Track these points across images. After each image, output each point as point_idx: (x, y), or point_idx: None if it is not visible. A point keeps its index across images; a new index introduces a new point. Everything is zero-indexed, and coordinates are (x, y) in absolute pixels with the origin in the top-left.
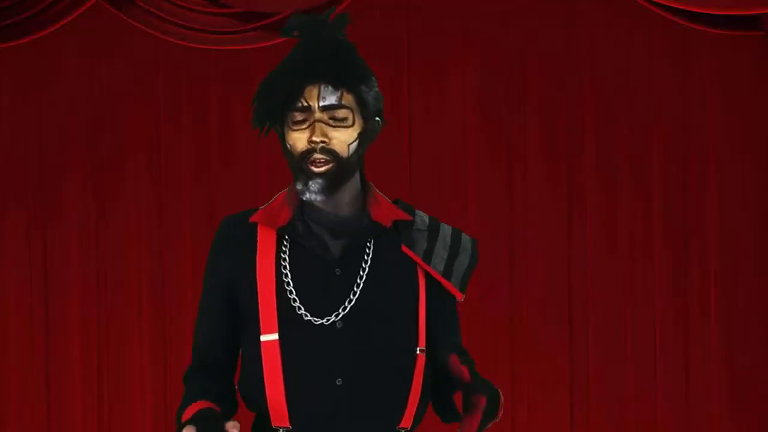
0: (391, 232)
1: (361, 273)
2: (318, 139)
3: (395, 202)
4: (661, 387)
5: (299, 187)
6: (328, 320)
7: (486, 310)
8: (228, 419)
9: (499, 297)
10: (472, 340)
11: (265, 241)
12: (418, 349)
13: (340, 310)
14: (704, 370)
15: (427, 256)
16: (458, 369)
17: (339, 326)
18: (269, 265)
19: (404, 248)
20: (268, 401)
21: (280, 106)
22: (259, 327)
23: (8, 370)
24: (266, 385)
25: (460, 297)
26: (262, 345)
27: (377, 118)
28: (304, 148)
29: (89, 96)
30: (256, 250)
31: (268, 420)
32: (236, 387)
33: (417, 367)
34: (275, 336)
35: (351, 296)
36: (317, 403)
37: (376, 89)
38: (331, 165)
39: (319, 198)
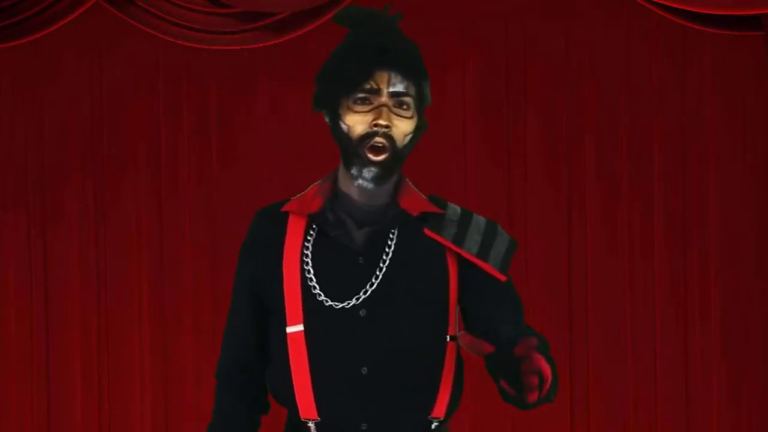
0: (418, 221)
1: (384, 258)
2: (384, 123)
3: (429, 197)
4: (661, 387)
5: (353, 172)
6: (349, 304)
7: None
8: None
9: None
10: None
11: (294, 233)
12: (448, 336)
13: (362, 294)
14: (704, 370)
15: (458, 240)
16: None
17: (362, 314)
18: (295, 256)
19: (428, 232)
20: (296, 394)
21: (348, 83)
22: (285, 319)
23: (8, 370)
24: (293, 377)
25: (503, 279)
26: (288, 337)
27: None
28: (364, 132)
29: (89, 96)
30: (284, 241)
31: (298, 413)
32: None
33: (448, 355)
34: (300, 327)
35: (373, 280)
36: (343, 393)
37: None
38: (387, 154)
39: (371, 186)
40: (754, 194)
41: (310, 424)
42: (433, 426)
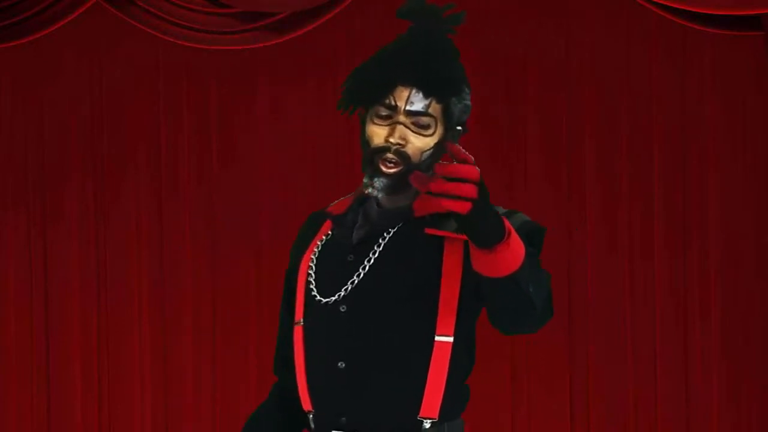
0: (424, 221)
1: (371, 256)
2: (395, 141)
3: None
4: (661, 387)
5: (365, 180)
6: (331, 300)
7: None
8: None
9: None
10: None
11: (321, 233)
12: (437, 336)
13: (342, 291)
14: (704, 370)
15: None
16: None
17: (343, 309)
18: (309, 256)
19: (428, 231)
20: (298, 387)
21: (369, 96)
22: (295, 314)
23: (8, 370)
24: (296, 370)
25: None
26: (294, 331)
27: (458, 128)
28: (380, 144)
29: (89, 96)
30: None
31: (302, 405)
32: None
33: (436, 355)
34: (301, 321)
35: (355, 278)
36: (325, 386)
37: (467, 102)
38: (400, 168)
39: (380, 195)
40: (754, 194)
41: (309, 416)
42: (426, 426)
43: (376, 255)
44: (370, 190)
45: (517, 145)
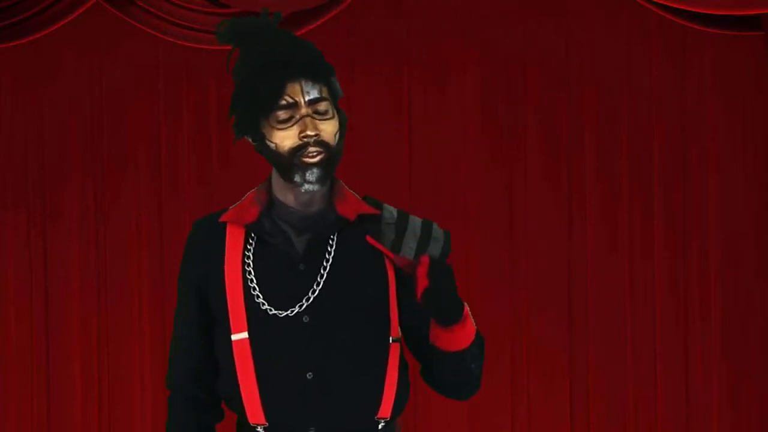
0: (356, 225)
1: (325, 264)
2: (312, 133)
3: (364, 198)
4: (661, 387)
5: (297, 180)
6: (293, 311)
7: (486, 309)
8: None
9: (499, 297)
10: None
11: (233, 241)
12: (390, 338)
13: (304, 301)
14: (704, 369)
15: (396, 247)
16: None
17: (306, 320)
18: (236, 265)
19: (369, 239)
20: (244, 400)
21: (265, 105)
22: (230, 327)
23: (8, 370)
24: (240, 384)
25: None
26: (233, 344)
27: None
28: (295, 144)
29: (89, 96)
30: (224, 250)
31: (247, 418)
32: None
33: (391, 356)
34: (245, 334)
35: (315, 287)
36: (290, 398)
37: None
38: (324, 155)
39: (316, 187)
40: (754, 194)
41: (259, 429)
42: (380, 426)
43: (330, 262)
44: (305, 187)
45: (517, 145)
